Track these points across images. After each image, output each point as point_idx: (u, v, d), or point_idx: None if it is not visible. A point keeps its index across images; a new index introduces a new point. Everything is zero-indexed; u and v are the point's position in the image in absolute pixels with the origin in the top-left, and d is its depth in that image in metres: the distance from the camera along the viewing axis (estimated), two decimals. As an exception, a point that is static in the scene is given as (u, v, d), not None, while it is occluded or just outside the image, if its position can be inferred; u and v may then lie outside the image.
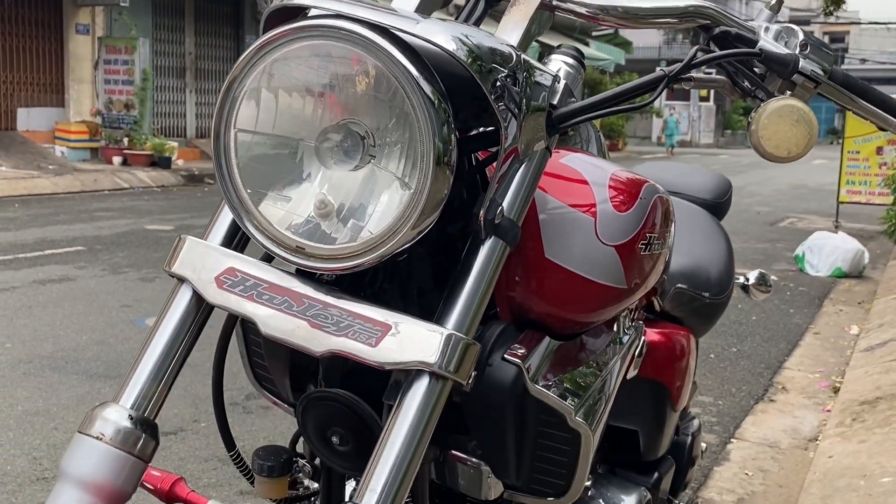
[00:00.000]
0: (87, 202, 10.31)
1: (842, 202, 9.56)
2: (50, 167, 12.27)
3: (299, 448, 1.43)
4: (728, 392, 4.19)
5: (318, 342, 1.00)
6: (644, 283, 1.34)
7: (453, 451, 1.27)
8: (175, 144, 14.01)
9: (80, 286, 5.63)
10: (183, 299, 1.06)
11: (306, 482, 1.48)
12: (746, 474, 3.29)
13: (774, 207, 12.54)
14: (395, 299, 1.15)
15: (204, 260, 1.06)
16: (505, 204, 1.04)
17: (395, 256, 1.03)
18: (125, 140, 13.73)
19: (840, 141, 10.02)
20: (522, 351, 1.16)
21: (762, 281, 2.41)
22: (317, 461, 1.42)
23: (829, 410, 3.95)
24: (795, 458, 3.47)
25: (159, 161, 13.32)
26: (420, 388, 0.99)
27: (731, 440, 3.61)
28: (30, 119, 13.75)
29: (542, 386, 1.16)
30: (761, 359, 4.78)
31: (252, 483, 1.36)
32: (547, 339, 1.22)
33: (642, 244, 1.27)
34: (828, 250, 7.30)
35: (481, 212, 1.02)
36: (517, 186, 1.06)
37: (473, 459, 1.26)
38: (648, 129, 32.01)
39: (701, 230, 2.14)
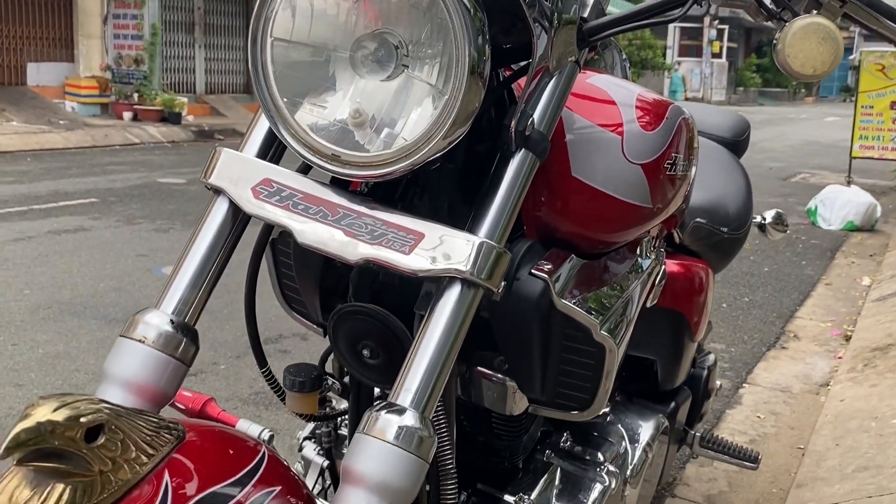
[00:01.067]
0: (99, 156, 10.33)
1: (854, 157, 9.50)
2: (61, 122, 12.27)
3: (328, 368, 1.46)
4: (740, 339, 4.22)
5: (353, 250, 1.02)
6: (668, 205, 1.36)
7: (479, 368, 1.30)
8: (185, 100, 13.97)
9: (95, 236, 5.67)
10: (220, 210, 1.09)
11: (334, 402, 1.51)
12: (758, 417, 3.33)
13: (787, 163, 12.48)
14: (425, 214, 1.17)
15: (240, 171, 1.08)
16: (535, 116, 1.05)
17: (427, 167, 1.05)
18: (135, 95, 13.70)
19: (853, 98, 9.93)
20: (549, 267, 1.18)
21: (779, 220, 2.42)
22: (346, 379, 1.45)
23: (840, 357, 3.97)
24: (807, 402, 3.51)
25: (169, 117, 13.30)
26: (452, 295, 1.01)
27: (744, 385, 3.64)
28: (39, 74, 13.72)
29: (567, 301, 1.19)
30: (773, 308, 4.80)
31: (283, 400, 1.39)
32: (572, 257, 1.24)
33: (668, 164, 1.29)
34: (840, 204, 7.29)
35: (512, 123, 1.04)
36: (547, 99, 1.08)
37: (499, 375, 1.29)
38: (660, 86, 31.76)
39: (720, 166, 2.15)
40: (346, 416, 1.57)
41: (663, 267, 1.57)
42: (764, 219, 2.39)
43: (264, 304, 1.41)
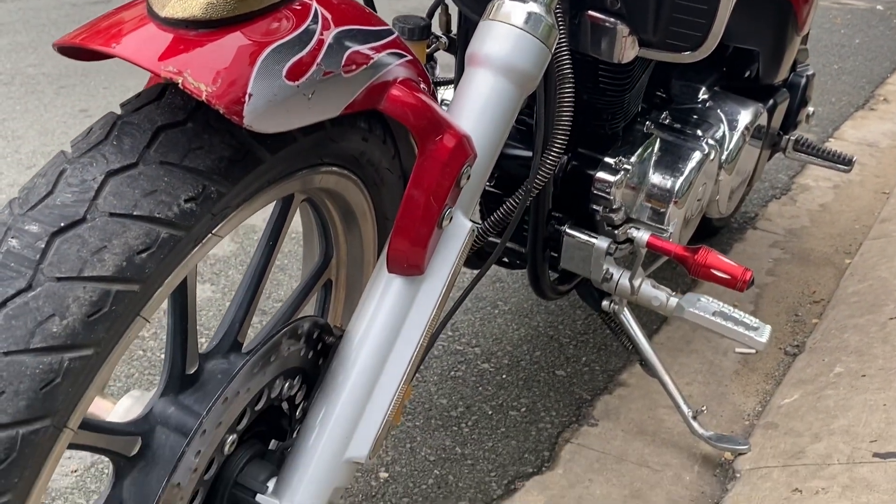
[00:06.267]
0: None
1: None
2: None
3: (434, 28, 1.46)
4: (828, 101, 4.11)
5: None
6: None
7: (590, 12, 1.29)
8: None
9: None
10: None
11: (439, 74, 1.53)
12: (844, 166, 3.29)
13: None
14: None
15: None
16: None
17: None
18: None
19: None
20: None
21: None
22: (453, 33, 1.47)
23: (931, 118, 3.87)
24: (893, 155, 3.45)
25: None
26: None
27: (830, 139, 3.58)
28: None
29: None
30: (863, 75, 4.64)
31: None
32: None
33: None
34: (942, -20, 6.85)
35: None
36: None
37: (611, 19, 1.28)
38: None
39: None
40: (448, 90, 1.60)
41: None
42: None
43: None
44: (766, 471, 1.54)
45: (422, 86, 0.93)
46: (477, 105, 0.96)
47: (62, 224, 0.66)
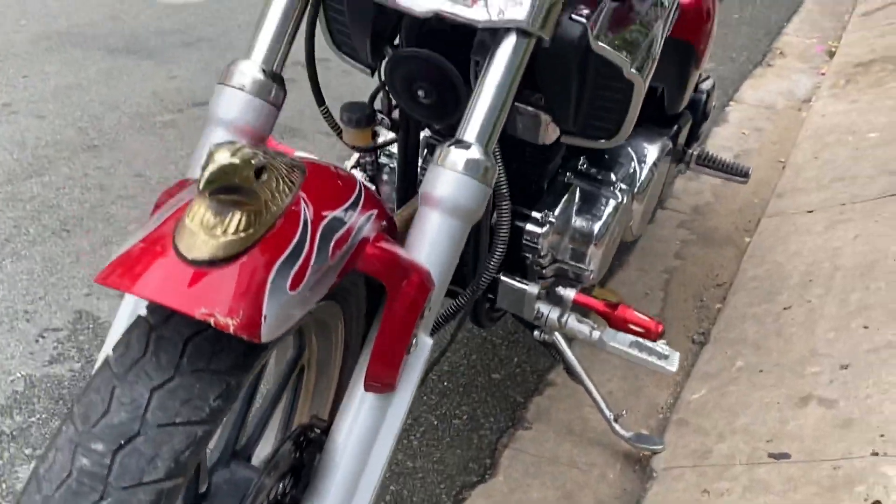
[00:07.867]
0: None
1: None
2: None
3: (377, 105, 1.61)
4: (729, 58, 4.34)
5: (422, 4, 1.15)
6: None
7: (517, 104, 1.46)
8: None
9: (76, -40, 5.52)
10: None
11: (381, 136, 1.68)
12: (743, 133, 3.54)
13: None
14: None
15: None
16: None
17: None
18: None
19: None
20: (587, 11, 1.31)
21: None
22: (394, 115, 1.61)
23: (823, 74, 4.13)
24: (790, 118, 3.71)
25: None
26: (509, 44, 1.16)
27: (730, 103, 3.82)
28: None
29: (602, 43, 1.33)
30: (761, 25, 4.87)
31: (340, 135, 1.56)
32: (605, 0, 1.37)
33: None
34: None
35: None
36: None
37: (536, 111, 1.45)
38: None
39: None
40: (388, 147, 1.75)
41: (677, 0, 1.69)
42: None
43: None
44: (679, 471, 1.79)
45: (387, 233, 1.09)
46: (432, 243, 1.13)
47: (122, 441, 0.82)
